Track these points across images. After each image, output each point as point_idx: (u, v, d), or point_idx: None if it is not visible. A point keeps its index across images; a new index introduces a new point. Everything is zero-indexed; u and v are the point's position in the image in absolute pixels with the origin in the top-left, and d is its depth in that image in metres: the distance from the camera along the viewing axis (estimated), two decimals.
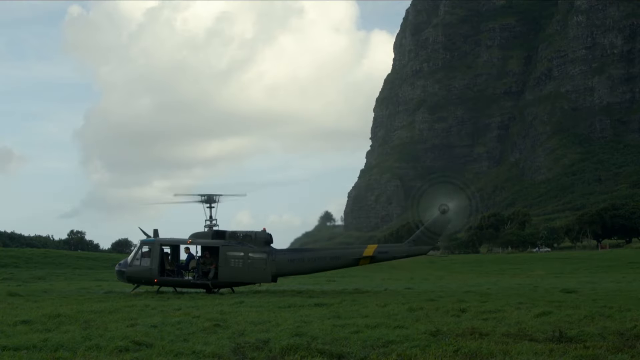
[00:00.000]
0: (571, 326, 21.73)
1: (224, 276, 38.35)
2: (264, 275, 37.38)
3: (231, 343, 19.25)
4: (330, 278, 72.41)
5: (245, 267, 37.46)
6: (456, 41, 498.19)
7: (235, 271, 37.73)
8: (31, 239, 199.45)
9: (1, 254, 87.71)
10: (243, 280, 38.44)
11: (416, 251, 36.27)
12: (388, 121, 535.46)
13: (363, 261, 36.95)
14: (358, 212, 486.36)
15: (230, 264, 37.66)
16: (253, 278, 38.02)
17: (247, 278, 38.01)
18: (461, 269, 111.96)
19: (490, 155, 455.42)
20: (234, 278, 38.32)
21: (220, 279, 38.67)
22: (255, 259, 37.31)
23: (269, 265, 37.29)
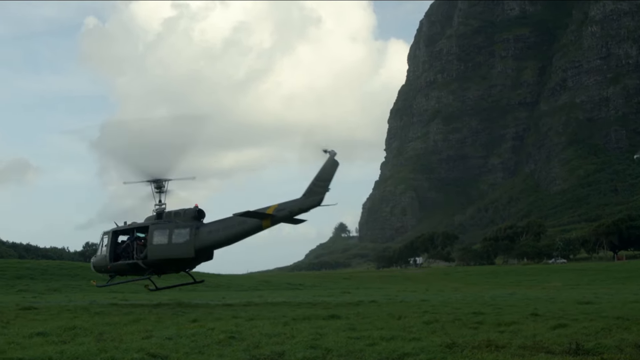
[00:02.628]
0: (588, 339, 21.55)
1: (152, 254, 38.18)
2: (187, 249, 36.90)
3: (246, 355, 19.19)
4: (345, 290, 72.25)
5: (169, 243, 37.16)
6: (470, 52, 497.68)
7: (160, 248, 37.52)
8: (47, 251, 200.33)
9: (17, 266, 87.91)
10: (168, 256, 37.88)
11: (311, 202, 35.26)
12: (402, 132, 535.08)
13: (265, 222, 36.27)
14: (373, 223, 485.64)
15: (157, 241, 37.50)
16: (176, 253, 37.48)
17: (172, 254, 37.59)
18: (477, 281, 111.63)
19: (505, 166, 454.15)
20: (160, 255, 37.97)
21: (149, 257, 38.41)
22: (178, 234, 37.08)
23: (191, 239, 36.80)
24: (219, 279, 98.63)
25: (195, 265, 40.14)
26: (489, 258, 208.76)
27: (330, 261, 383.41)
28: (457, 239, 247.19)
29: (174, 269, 40.32)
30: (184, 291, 73.17)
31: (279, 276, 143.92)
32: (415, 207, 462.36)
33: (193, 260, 38.30)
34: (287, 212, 35.35)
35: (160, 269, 39.49)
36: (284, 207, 35.46)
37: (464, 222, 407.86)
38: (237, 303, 42.61)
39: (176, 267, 39.53)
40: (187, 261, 38.07)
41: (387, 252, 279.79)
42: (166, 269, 39.78)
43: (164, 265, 38.81)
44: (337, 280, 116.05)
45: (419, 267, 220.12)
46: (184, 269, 40.68)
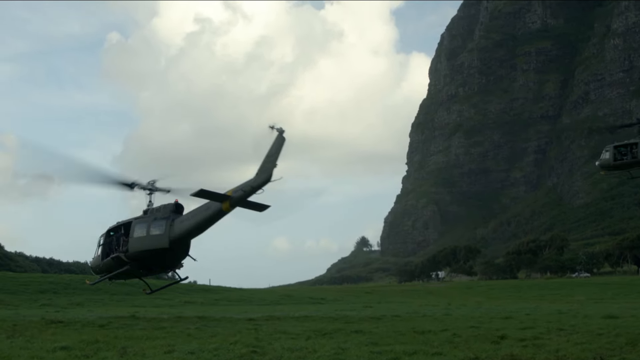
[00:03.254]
0: (612, 353, 21.39)
1: (131, 247, 38.58)
2: (162, 240, 37.17)
3: None
4: (367, 304, 72.07)
5: (147, 235, 37.56)
6: (492, 65, 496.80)
7: (139, 240, 37.91)
8: (69, 265, 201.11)
9: (40, 280, 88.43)
10: (146, 248, 38.14)
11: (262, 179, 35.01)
12: (424, 146, 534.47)
13: (225, 205, 36.10)
14: (395, 237, 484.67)
15: (137, 234, 37.98)
16: (153, 244, 37.76)
17: (149, 245, 37.90)
18: (499, 295, 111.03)
19: (527, 180, 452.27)
20: (139, 247, 38.33)
21: (130, 250, 38.75)
22: (155, 226, 37.48)
23: (166, 230, 37.08)
24: (241, 293, 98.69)
25: (175, 260, 39.70)
26: (511, 272, 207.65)
27: (352, 275, 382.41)
28: (480, 253, 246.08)
29: (157, 264, 40.11)
30: (206, 305, 73.26)
31: (301, 290, 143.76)
32: (437, 221, 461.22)
33: (170, 252, 38.07)
34: (242, 192, 35.19)
35: (142, 262, 39.42)
36: (239, 188, 35.46)
37: (486, 235, 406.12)
38: (259, 317, 42.60)
39: (158, 261, 39.35)
40: (163, 253, 37.91)
41: (409, 266, 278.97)
42: (148, 262, 39.60)
43: (145, 259, 38.85)
44: (359, 294, 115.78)
45: (441, 281, 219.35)
46: (169, 267, 40.73)
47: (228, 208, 35.59)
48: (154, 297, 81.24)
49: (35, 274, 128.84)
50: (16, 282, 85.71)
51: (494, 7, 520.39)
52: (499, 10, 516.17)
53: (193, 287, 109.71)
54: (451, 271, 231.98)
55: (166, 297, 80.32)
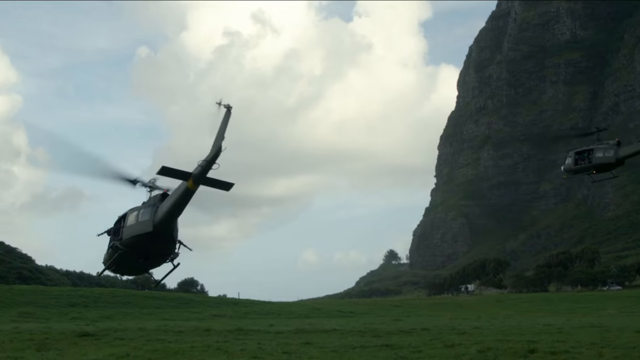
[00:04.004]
0: None
1: (124, 234, 38.62)
2: (147, 225, 37.21)
3: None
4: (396, 317, 71.81)
5: (136, 222, 37.79)
6: (520, 77, 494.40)
7: (130, 228, 38.07)
8: (99, 279, 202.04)
9: (71, 294, 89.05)
10: (135, 233, 37.96)
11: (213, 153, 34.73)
12: (452, 159, 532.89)
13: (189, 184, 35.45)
14: (424, 250, 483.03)
15: (129, 222, 38.28)
16: (140, 229, 37.64)
17: (137, 230, 37.78)
18: (529, 308, 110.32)
19: (557, 192, 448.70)
20: (130, 234, 38.27)
21: (123, 238, 38.71)
22: (143, 213, 37.68)
23: (152, 215, 37.21)
24: (269, 307, 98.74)
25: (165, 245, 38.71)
26: (541, 285, 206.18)
27: (380, 288, 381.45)
28: (509, 266, 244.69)
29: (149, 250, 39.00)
30: (235, 318, 73.35)
31: (330, 303, 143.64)
32: (466, 234, 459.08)
33: (156, 237, 37.54)
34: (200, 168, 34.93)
35: (135, 249, 38.81)
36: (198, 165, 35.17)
37: (516, 248, 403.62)
38: (288, 330, 42.53)
39: (148, 247, 38.58)
40: (150, 237, 37.46)
41: (438, 279, 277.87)
42: (141, 248, 38.73)
43: (136, 244, 38.45)
44: (388, 307, 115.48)
45: (471, 294, 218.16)
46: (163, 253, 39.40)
47: (193, 186, 35.52)
48: (183, 311, 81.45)
49: (65, 287, 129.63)
50: (47, 295, 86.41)
51: (523, 18, 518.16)
52: (527, 22, 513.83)
53: (222, 301, 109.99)
54: (481, 284, 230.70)
55: (195, 310, 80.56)
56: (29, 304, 78.97)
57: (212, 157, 34.36)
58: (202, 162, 34.88)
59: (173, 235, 37.96)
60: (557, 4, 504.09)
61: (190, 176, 35.04)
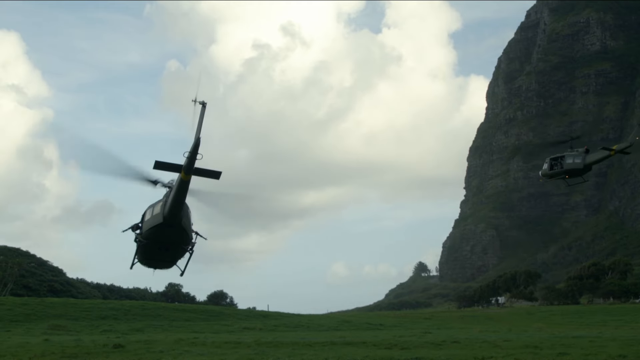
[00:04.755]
0: None
1: (144, 228, 40.71)
2: (158, 217, 39.21)
3: None
4: (426, 330, 71.52)
5: (152, 216, 39.92)
6: (550, 88, 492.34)
7: (148, 221, 40.16)
8: (130, 291, 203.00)
9: (101, 306, 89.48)
10: (150, 226, 40.18)
11: (192, 146, 35.96)
12: (482, 170, 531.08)
13: (182, 175, 37.29)
14: (453, 262, 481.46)
15: (147, 217, 40.40)
16: (154, 222, 39.75)
17: (151, 223, 39.90)
18: (561, 321, 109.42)
19: (588, 204, 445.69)
20: (146, 227, 40.39)
21: (143, 231, 40.89)
22: (157, 207, 39.71)
23: (162, 209, 39.20)
24: (299, 319, 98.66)
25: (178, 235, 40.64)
26: (573, 297, 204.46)
27: (410, 301, 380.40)
28: (540, 278, 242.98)
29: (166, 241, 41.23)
30: (265, 331, 73.36)
31: (359, 316, 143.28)
32: (496, 246, 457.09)
33: (168, 227, 39.52)
34: (187, 160, 36.58)
35: (153, 240, 41.01)
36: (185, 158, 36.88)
37: (547, 260, 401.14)
38: (318, 343, 42.47)
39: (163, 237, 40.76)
40: (163, 228, 39.54)
41: (468, 292, 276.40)
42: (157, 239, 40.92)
43: (152, 236, 40.57)
44: (417, 320, 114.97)
45: (501, 306, 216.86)
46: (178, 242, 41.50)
47: (185, 176, 37.39)
48: (212, 323, 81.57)
49: (96, 300, 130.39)
50: (78, 308, 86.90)
51: (552, 29, 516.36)
52: (557, 33, 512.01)
53: (251, 313, 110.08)
54: (511, 296, 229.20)
55: (225, 323, 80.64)
56: (60, 317, 79.47)
57: (193, 149, 35.98)
58: (187, 155, 36.64)
59: (182, 225, 39.55)
60: (586, 15, 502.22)
61: (180, 167, 36.94)
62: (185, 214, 39.42)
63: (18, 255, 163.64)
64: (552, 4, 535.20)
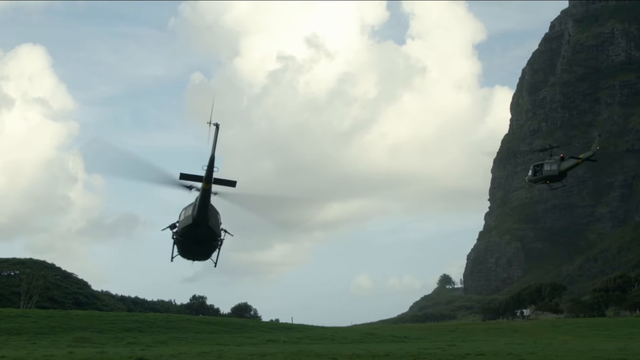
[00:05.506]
0: None
1: (179, 227, 44.78)
2: (188, 219, 43.36)
3: None
4: (451, 342, 71.21)
5: (184, 218, 44.22)
6: (575, 99, 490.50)
7: (181, 222, 44.59)
8: (154, 304, 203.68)
9: (126, 319, 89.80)
10: (183, 226, 44.34)
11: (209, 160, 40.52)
12: (506, 182, 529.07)
13: (203, 184, 41.60)
14: (478, 274, 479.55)
15: (181, 218, 44.76)
16: (185, 223, 43.96)
17: (184, 224, 44.12)
18: (587, 333, 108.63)
19: (613, 215, 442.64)
20: (180, 227, 44.53)
21: (178, 229, 44.94)
22: (187, 210, 44.07)
23: (192, 212, 43.26)
24: (323, 331, 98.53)
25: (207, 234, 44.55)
26: (599, 309, 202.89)
27: (434, 313, 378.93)
28: (566, 290, 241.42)
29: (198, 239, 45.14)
30: (289, 343, 73.33)
31: (383, 328, 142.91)
32: (521, 258, 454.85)
33: (197, 227, 43.50)
34: (206, 171, 40.61)
35: (186, 238, 44.87)
36: None
37: (572, 272, 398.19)
38: (342, 355, 42.38)
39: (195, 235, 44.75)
40: (193, 228, 43.61)
41: (493, 304, 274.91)
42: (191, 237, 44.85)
43: (185, 234, 44.56)
44: (442, 332, 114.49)
45: (526, 319, 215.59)
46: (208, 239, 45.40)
47: (206, 185, 41.45)
48: (236, 336, 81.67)
49: (120, 312, 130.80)
50: (103, 320, 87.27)
51: (576, 40, 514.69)
52: (581, 44, 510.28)
53: (275, 326, 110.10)
54: (536, 309, 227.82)
55: (249, 336, 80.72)
56: (85, 329, 79.79)
57: (210, 164, 40.47)
58: (206, 167, 41.15)
59: (210, 225, 43.76)
60: (611, 25, 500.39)
61: (200, 177, 41.25)
62: (213, 215, 43.31)
63: (43, 268, 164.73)
64: (576, 15, 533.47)
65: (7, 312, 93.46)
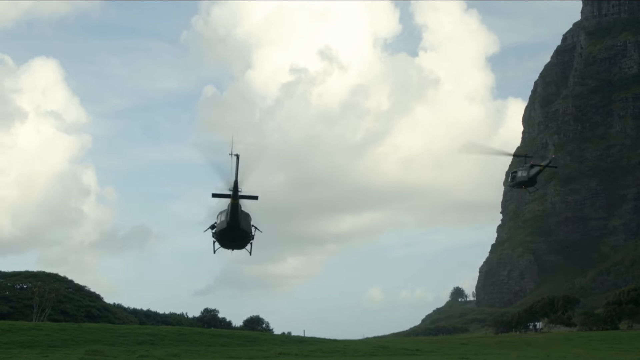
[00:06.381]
0: None
1: (217, 227, 53.57)
2: (223, 224, 52.11)
3: None
4: (463, 355, 71.06)
5: (221, 221, 52.86)
6: (587, 112, 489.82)
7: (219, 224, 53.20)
8: (166, 317, 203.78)
9: (138, 332, 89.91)
10: (220, 228, 52.86)
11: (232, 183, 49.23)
12: (518, 194, 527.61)
13: (232, 200, 50.01)
14: (490, 287, 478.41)
15: (218, 220, 53.29)
16: (221, 226, 52.51)
17: (220, 226, 52.65)
18: (600, 346, 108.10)
19: (627, 228, 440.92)
20: (218, 228, 53.14)
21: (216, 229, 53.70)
22: (222, 215, 52.85)
23: (226, 218, 52.06)
24: (335, 344, 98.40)
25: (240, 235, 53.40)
26: (612, 323, 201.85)
27: (447, 326, 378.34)
28: (578, 303, 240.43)
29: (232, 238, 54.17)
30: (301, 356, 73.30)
31: (396, 341, 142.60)
32: (533, 271, 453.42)
33: (231, 230, 52.32)
34: (232, 192, 49.69)
35: (224, 236, 53.65)
36: None
37: (585, 285, 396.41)
38: None
39: (230, 236, 53.59)
40: (227, 230, 52.32)
41: (506, 317, 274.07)
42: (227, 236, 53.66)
43: (222, 234, 53.23)
44: (454, 345, 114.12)
45: (539, 332, 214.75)
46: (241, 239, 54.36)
47: (233, 200, 50.39)
48: (248, 349, 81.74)
49: (132, 325, 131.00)
50: (115, 333, 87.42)
51: (589, 53, 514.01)
52: (593, 56, 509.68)
53: (287, 339, 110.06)
54: (549, 322, 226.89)
55: (261, 349, 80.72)
56: (97, 342, 79.95)
57: (235, 185, 49.29)
58: (232, 188, 49.99)
59: (242, 227, 52.30)
60: (623, 38, 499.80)
61: (229, 194, 50.06)
62: (244, 218, 51.90)
63: (56, 281, 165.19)
64: (588, 27, 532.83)
65: (19, 325, 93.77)
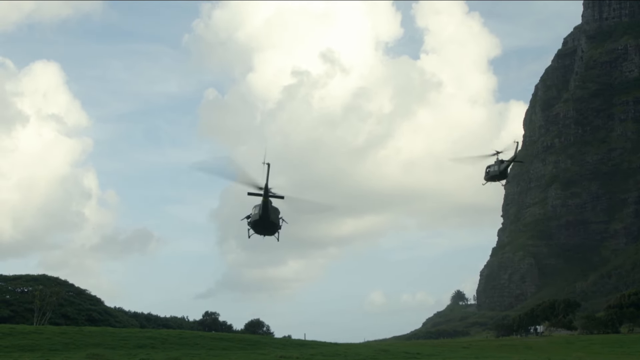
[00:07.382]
0: None
1: (251, 218, 61.69)
2: (257, 216, 60.44)
3: None
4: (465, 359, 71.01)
5: (254, 213, 61.02)
6: (588, 115, 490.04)
7: (253, 216, 61.50)
8: (167, 320, 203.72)
9: (138, 335, 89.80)
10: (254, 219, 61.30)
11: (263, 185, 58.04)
12: (519, 198, 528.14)
13: (263, 198, 58.86)
14: (491, 291, 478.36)
15: (253, 213, 61.52)
16: (255, 217, 60.97)
17: (254, 217, 60.99)
18: (601, 350, 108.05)
19: (628, 232, 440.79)
20: (252, 219, 61.43)
21: (251, 220, 61.99)
22: (255, 208, 60.95)
23: (259, 211, 60.73)
24: (336, 348, 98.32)
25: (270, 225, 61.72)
26: (613, 326, 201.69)
27: (448, 329, 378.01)
28: (579, 307, 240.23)
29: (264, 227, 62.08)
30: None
31: (396, 345, 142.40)
32: (534, 274, 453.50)
33: (263, 221, 60.50)
34: (263, 193, 58.30)
35: (257, 225, 61.49)
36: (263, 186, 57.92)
37: (586, 289, 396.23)
38: None
39: (262, 225, 61.49)
40: (260, 221, 60.49)
41: (507, 320, 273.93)
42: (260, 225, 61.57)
43: (255, 223, 61.15)
44: (455, 349, 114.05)
45: (540, 335, 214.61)
46: (271, 228, 62.34)
47: (265, 199, 58.45)
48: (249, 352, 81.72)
49: (133, 329, 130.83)
50: (116, 337, 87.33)
51: (590, 56, 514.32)
52: (594, 60, 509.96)
53: (288, 342, 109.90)
54: (550, 325, 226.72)
55: (262, 352, 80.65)
56: (98, 346, 79.89)
57: (265, 187, 57.27)
58: (264, 190, 58.13)
59: (271, 219, 60.59)
60: (624, 42, 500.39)
61: (260, 193, 58.23)
62: (273, 211, 60.19)
63: (57, 284, 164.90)
64: (589, 31, 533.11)
65: (20, 328, 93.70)
